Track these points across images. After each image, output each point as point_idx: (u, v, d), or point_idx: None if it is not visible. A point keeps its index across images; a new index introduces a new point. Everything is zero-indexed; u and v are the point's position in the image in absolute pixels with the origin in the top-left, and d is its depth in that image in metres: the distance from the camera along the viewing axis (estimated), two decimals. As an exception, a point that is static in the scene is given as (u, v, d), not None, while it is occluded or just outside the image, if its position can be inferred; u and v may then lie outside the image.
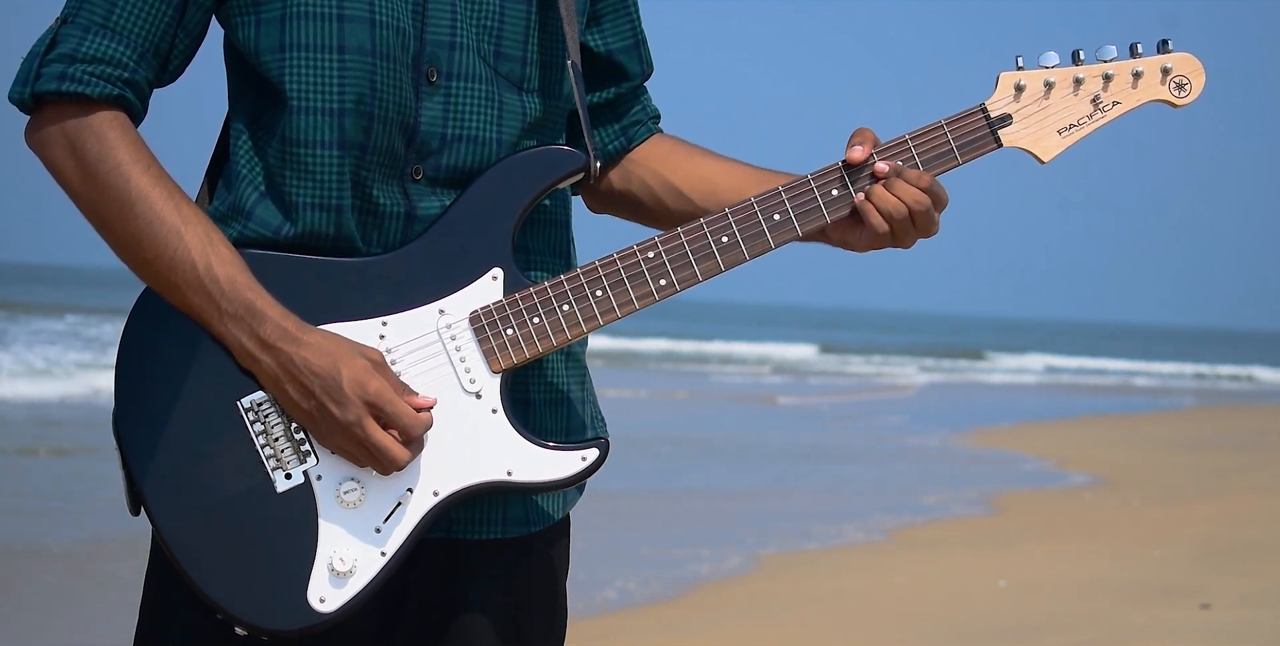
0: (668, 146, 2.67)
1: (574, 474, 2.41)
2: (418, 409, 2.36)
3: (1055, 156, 2.52)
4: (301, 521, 2.36)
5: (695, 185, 2.62)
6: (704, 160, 2.64)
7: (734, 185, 2.58)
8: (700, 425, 20.46)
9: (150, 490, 2.36)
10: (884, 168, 2.47)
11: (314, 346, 2.33)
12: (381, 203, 2.42)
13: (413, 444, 2.36)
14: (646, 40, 2.67)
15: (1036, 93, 2.52)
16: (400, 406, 2.34)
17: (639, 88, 2.68)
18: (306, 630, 2.36)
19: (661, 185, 2.64)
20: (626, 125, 2.67)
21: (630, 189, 2.66)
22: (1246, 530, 12.23)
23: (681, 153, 2.66)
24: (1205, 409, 31.20)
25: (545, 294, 2.43)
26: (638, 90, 2.68)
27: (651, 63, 2.68)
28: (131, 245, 2.36)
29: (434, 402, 2.38)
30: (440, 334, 2.41)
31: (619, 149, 2.66)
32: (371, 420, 2.33)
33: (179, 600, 2.40)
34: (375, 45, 2.40)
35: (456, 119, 2.44)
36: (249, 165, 2.43)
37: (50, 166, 2.38)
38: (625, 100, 2.66)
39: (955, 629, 8.31)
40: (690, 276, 2.47)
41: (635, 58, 2.65)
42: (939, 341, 67.95)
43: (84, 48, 2.36)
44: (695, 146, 2.67)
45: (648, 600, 8.81)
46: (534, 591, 2.53)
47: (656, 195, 2.64)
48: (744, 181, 2.58)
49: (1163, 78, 2.52)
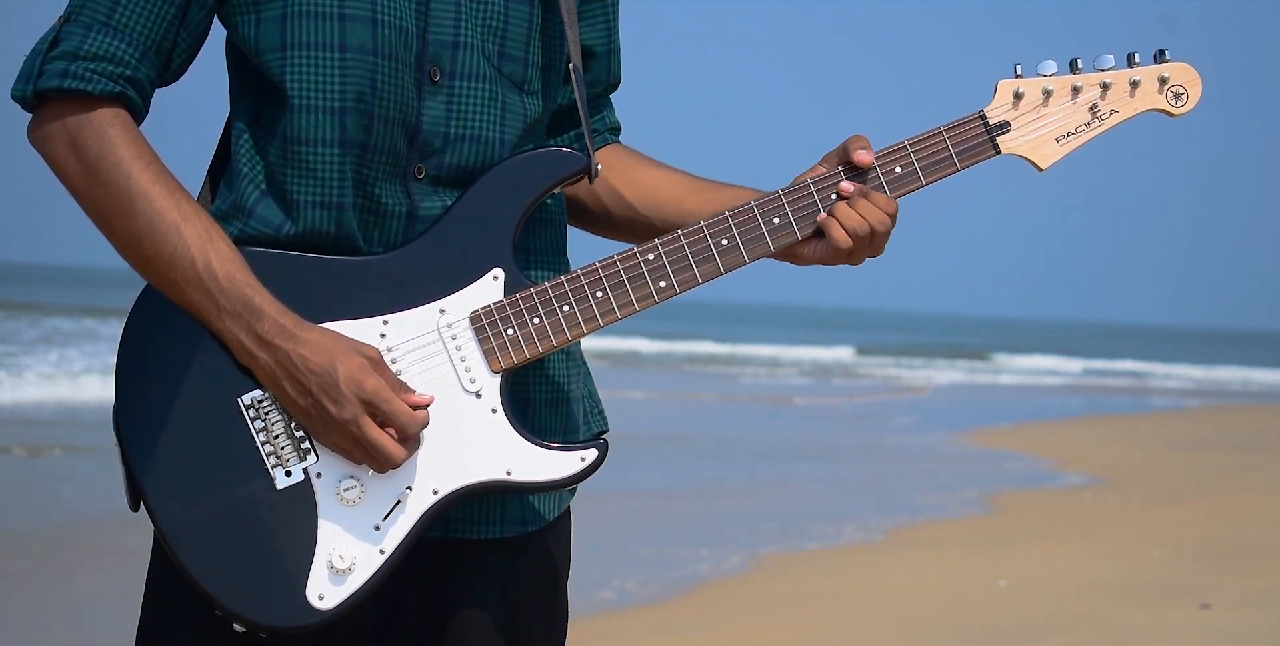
0: (616, 156, 2.69)
1: (573, 474, 2.42)
2: (415, 407, 2.37)
3: (1053, 164, 2.54)
4: (301, 518, 2.37)
5: (638, 191, 2.65)
6: (648, 169, 2.67)
7: (674, 194, 2.63)
8: (707, 425, 20.46)
9: (150, 486, 2.37)
10: (849, 187, 2.51)
11: (311, 344, 2.34)
12: (383, 201, 2.43)
13: (409, 442, 2.37)
14: (619, 52, 2.69)
15: (1035, 100, 2.54)
16: (396, 404, 2.35)
17: (600, 97, 2.70)
18: (304, 627, 2.36)
19: (606, 191, 2.66)
20: (581, 134, 2.66)
21: (579, 196, 2.68)
22: (1246, 530, 12.23)
23: (628, 162, 2.68)
24: (1205, 409, 31.17)
25: (546, 294, 2.44)
26: (598, 100, 2.70)
27: (619, 75, 2.70)
28: (132, 242, 2.37)
29: (431, 400, 2.39)
30: (441, 333, 2.42)
31: None
32: (367, 418, 2.34)
33: (180, 596, 2.41)
34: (377, 44, 2.40)
35: (460, 118, 2.45)
36: (250, 164, 2.44)
37: (52, 163, 2.40)
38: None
39: (955, 629, 8.31)
40: (690, 278, 2.48)
41: (603, 64, 2.67)
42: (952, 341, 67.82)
43: (86, 45, 2.37)
44: (643, 157, 2.70)
45: (647, 600, 8.81)
46: (532, 590, 2.53)
47: (602, 202, 2.67)
48: (683, 190, 2.62)
49: (1160, 87, 2.54)
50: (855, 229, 2.49)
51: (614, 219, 2.66)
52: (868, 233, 2.50)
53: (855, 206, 2.50)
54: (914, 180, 2.52)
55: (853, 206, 2.50)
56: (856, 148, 2.51)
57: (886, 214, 2.50)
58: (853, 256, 2.53)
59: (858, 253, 2.52)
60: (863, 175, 2.51)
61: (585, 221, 2.69)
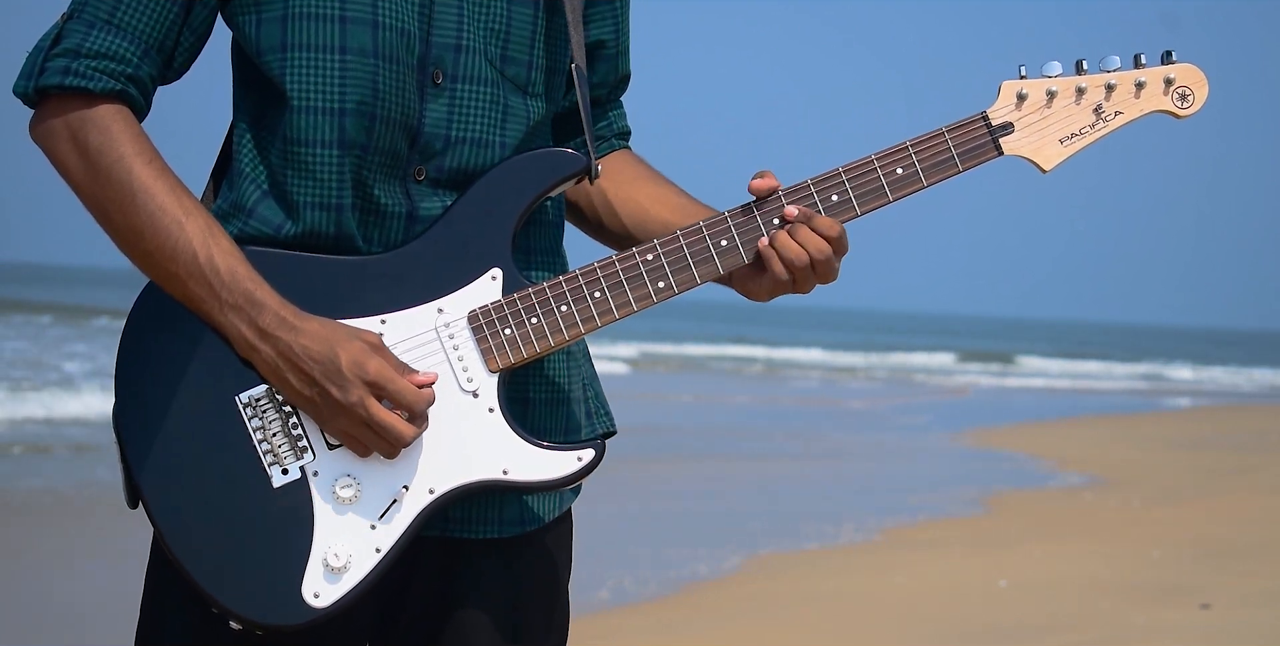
0: (620, 165, 2.69)
1: (570, 474, 2.42)
2: (420, 386, 2.37)
3: (1057, 165, 2.52)
4: (297, 516, 2.38)
5: (629, 209, 2.64)
6: (646, 185, 2.66)
7: (663, 218, 2.61)
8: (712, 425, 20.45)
9: (148, 484, 2.38)
10: (793, 212, 2.48)
11: (311, 333, 2.35)
12: (383, 202, 2.43)
13: (417, 420, 2.37)
14: (628, 51, 2.68)
15: (1039, 102, 2.52)
16: (401, 383, 2.35)
17: (608, 99, 2.70)
18: (300, 625, 2.37)
19: (602, 202, 2.66)
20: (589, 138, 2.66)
21: (576, 200, 2.68)
22: (1246, 530, 12.22)
23: (630, 174, 2.67)
24: (1205, 409, 31.16)
25: (544, 294, 2.45)
26: (607, 103, 2.70)
27: (628, 74, 2.69)
28: (133, 237, 2.38)
29: (435, 378, 2.39)
30: (438, 332, 2.42)
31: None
32: (373, 399, 2.34)
33: (178, 593, 2.42)
34: (378, 47, 2.41)
35: (461, 121, 2.45)
36: (252, 164, 2.44)
37: (54, 159, 2.41)
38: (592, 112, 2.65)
39: (955, 629, 8.31)
40: (689, 279, 2.48)
41: (611, 64, 2.66)
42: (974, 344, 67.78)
43: (88, 43, 2.38)
44: (646, 169, 2.69)
45: (645, 599, 8.81)
46: (532, 589, 2.54)
47: (596, 210, 2.67)
48: (674, 214, 2.60)
49: (1166, 88, 2.52)
50: (793, 259, 2.46)
51: (606, 229, 2.67)
52: (806, 264, 2.47)
53: (796, 235, 2.46)
54: (915, 181, 2.50)
55: (794, 235, 2.47)
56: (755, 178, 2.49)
57: (827, 239, 2.46)
58: (798, 286, 2.50)
59: (801, 282, 2.49)
60: (865, 174, 2.50)
61: (584, 226, 2.70)
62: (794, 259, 2.46)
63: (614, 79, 2.68)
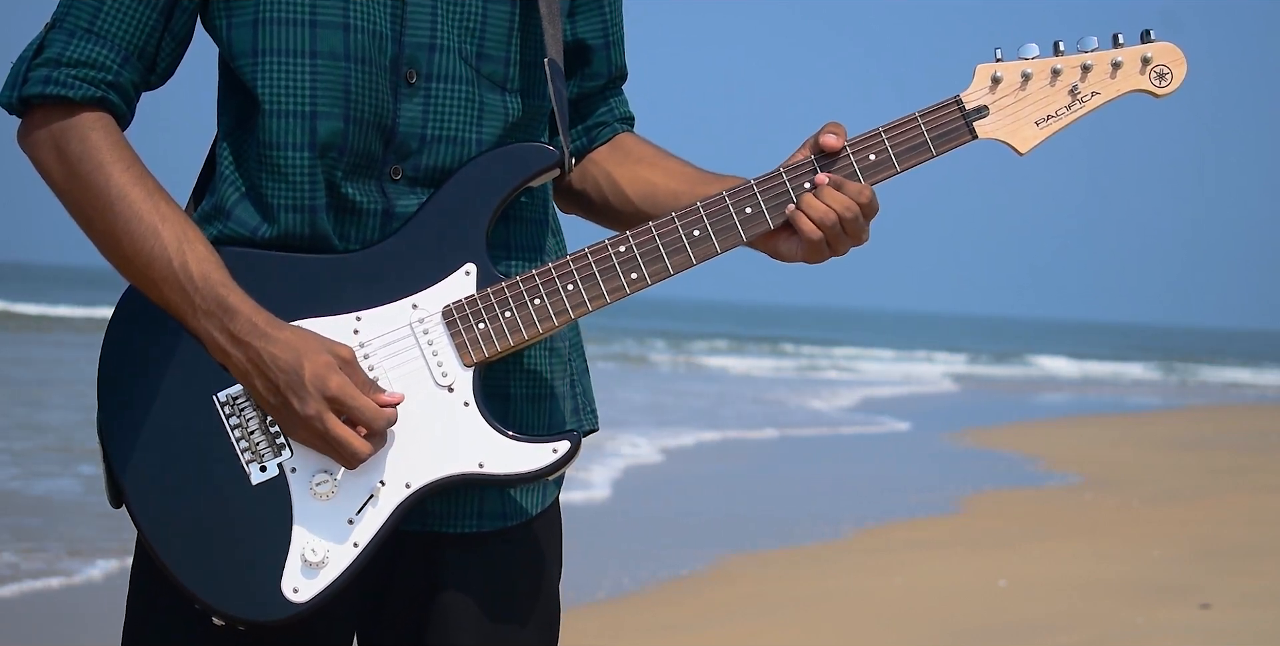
0: (626, 147, 2.69)
1: (545, 466, 2.42)
2: (383, 405, 2.38)
3: (1033, 148, 2.50)
4: (275, 513, 2.40)
5: (638, 188, 2.64)
6: (651, 164, 2.66)
7: (672, 188, 2.61)
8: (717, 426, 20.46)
9: (130, 483, 2.41)
10: (824, 178, 2.48)
11: (282, 342, 2.37)
12: (358, 201, 2.45)
13: (375, 438, 2.38)
14: (621, 44, 2.68)
15: (1013, 84, 2.49)
16: (361, 401, 2.36)
17: (607, 89, 2.70)
18: (280, 620, 2.39)
19: (610, 185, 2.66)
20: (591, 125, 2.68)
21: (585, 188, 2.68)
22: (1246, 530, 12.22)
23: (636, 154, 2.67)
24: (1204, 409, 31.17)
25: (517, 288, 2.45)
26: (606, 91, 2.70)
27: (623, 67, 2.70)
28: (111, 242, 2.40)
29: (400, 399, 2.41)
30: (413, 328, 2.43)
31: (581, 148, 2.68)
32: (331, 415, 2.36)
33: (162, 590, 2.44)
34: (349, 50, 2.43)
35: (436, 119, 2.46)
36: (231, 167, 2.47)
37: (38, 167, 2.44)
38: (591, 101, 2.68)
39: (955, 629, 8.30)
40: (661, 269, 2.48)
41: (603, 56, 2.66)
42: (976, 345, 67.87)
43: (69, 52, 2.41)
44: (652, 148, 2.69)
45: (642, 599, 8.80)
46: (516, 583, 2.54)
47: (605, 194, 2.66)
48: (682, 185, 2.60)
49: (1142, 67, 2.49)
50: (822, 218, 2.47)
51: (618, 213, 2.66)
52: (835, 221, 2.47)
53: (822, 196, 2.47)
54: (888, 167, 2.49)
55: (820, 196, 2.47)
56: (826, 132, 2.49)
57: (857, 202, 2.47)
58: (832, 248, 2.50)
59: (835, 243, 2.49)
60: (836, 162, 2.49)
61: (592, 213, 2.69)
62: (822, 217, 2.46)
63: (608, 72, 2.68)
